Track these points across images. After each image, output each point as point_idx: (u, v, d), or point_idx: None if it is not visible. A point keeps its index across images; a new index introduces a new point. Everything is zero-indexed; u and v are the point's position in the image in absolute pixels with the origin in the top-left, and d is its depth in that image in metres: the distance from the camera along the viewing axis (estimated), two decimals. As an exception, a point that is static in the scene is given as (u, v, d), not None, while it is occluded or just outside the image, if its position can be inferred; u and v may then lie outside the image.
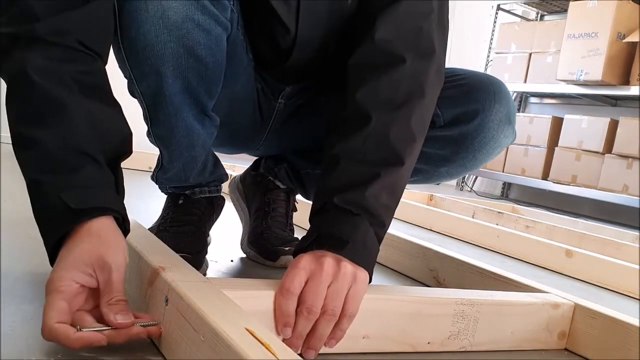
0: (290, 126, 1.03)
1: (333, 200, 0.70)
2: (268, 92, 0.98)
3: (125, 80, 0.81)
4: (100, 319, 0.57)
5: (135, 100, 0.83)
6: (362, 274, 0.67)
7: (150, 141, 0.90)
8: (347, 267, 0.65)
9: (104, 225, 0.61)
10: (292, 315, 0.63)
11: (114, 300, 0.58)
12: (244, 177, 1.20)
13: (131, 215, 0.89)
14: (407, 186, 0.81)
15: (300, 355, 0.63)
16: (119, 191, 0.66)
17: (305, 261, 0.66)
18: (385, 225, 0.73)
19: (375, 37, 0.78)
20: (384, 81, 0.76)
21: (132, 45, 0.74)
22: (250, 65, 0.92)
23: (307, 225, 0.74)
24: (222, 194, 1.06)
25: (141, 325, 0.59)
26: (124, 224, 0.65)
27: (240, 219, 1.20)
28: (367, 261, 0.68)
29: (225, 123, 0.93)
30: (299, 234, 1.16)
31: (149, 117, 0.84)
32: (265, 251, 1.08)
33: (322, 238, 0.68)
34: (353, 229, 0.69)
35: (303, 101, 1.01)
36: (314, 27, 0.87)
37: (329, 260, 0.65)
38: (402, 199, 0.79)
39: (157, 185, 1.02)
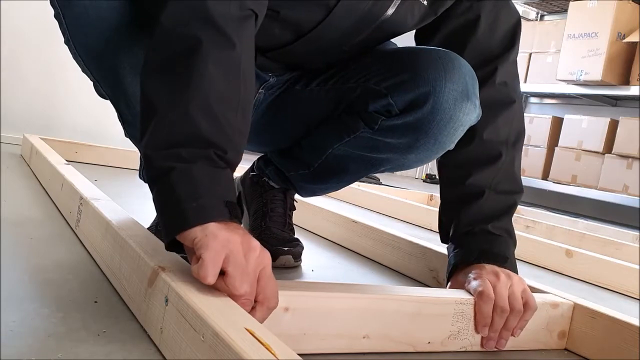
0: (268, 119, 1.03)
1: (488, 227, 0.89)
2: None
3: None
4: None
5: None
6: (521, 280, 0.84)
7: (131, 140, 0.90)
8: (515, 276, 0.84)
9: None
10: (490, 316, 0.77)
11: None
12: (243, 179, 1.20)
13: (131, 215, 0.90)
14: (381, 177, 0.83)
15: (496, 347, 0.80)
16: None
17: (486, 274, 0.82)
18: (516, 242, 0.93)
19: (496, 82, 0.94)
20: (500, 121, 0.93)
21: (86, 51, 0.74)
22: None
23: (306, 225, 0.74)
24: None
25: None
26: None
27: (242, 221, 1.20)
28: (517, 271, 0.88)
29: None
30: (298, 234, 1.17)
31: (121, 117, 0.84)
32: None
33: (486, 254, 0.87)
34: (507, 249, 0.89)
35: (280, 92, 1.01)
36: (345, 16, 0.86)
37: (501, 273, 0.82)
38: (402, 199, 0.81)
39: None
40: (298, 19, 0.86)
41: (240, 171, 1.21)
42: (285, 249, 1.07)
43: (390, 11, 0.87)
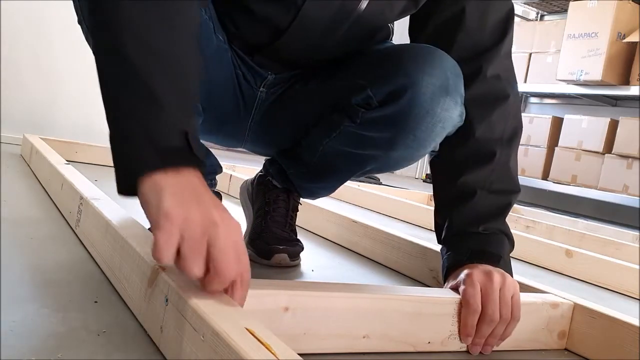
0: (271, 118, 1.03)
1: (479, 229, 0.86)
2: (250, 79, 0.98)
3: None
4: None
5: None
6: (514, 282, 0.81)
7: None
8: (508, 277, 0.80)
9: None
10: (474, 328, 0.76)
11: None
12: (253, 179, 1.21)
13: (131, 215, 0.90)
14: (381, 177, 0.83)
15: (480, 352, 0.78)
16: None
17: (477, 277, 0.78)
18: (514, 242, 0.90)
19: (487, 76, 0.90)
20: (495, 117, 0.89)
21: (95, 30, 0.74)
22: (223, 48, 0.93)
23: (308, 225, 0.74)
24: (218, 191, 1.06)
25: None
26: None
27: (246, 219, 1.21)
28: (511, 272, 0.84)
29: (206, 108, 0.93)
30: (300, 235, 1.17)
31: None
32: (261, 250, 1.08)
33: (478, 254, 0.84)
34: (501, 247, 0.86)
35: (282, 91, 1.01)
36: (318, 12, 0.87)
37: (495, 274, 0.79)
38: (402, 199, 0.81)
39: None
40: (272, 16, 0.87)
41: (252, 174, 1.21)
42: (281, 247, 1.07)
43: (363, 4, 0.87)
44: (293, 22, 0.87)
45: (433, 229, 0.98)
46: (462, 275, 0.80)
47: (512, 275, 0.84)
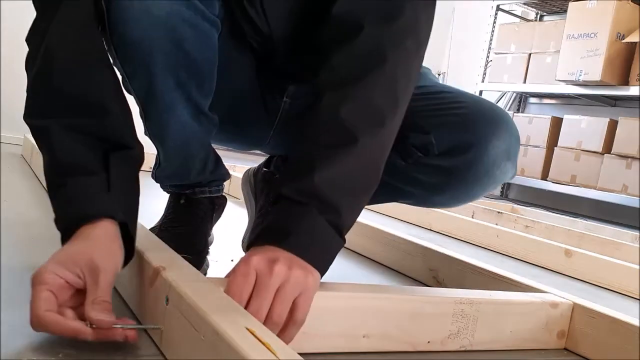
0: (295, 126, 1.02)
1: (282, 192, 0.66)
2: (273, 90, 0.98)
3: None
4: (83, 318, 0.57)
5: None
6: (312, 276, 0.62)
7: (149, 138, 0.90)
8: (297, 270, 0.60)
9: (101, 229, 0.63)
10: None
11: (98, 299, 0.58)
12: (256, 172, 1.19)
13: (131, 215, 0.90)
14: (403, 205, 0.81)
15: None
16: (112, 189, 0.66)
17: (255, 263, 0.60)
18: (341, 212, 0.65)
19: (333, 12, 0.74)
20: (337, 57, 0.72)
21: (120, 42, 0.74)
22: (249, 62, 0.93)
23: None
24: (224, 194, 1.06)
25: (120, 328, 0.58)
26: (126, 225, 0.65)
27: (248, 214, 1.20)
28: (316, 254, 0.64)
29: (230, 119, 0.93)
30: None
31: (143, 114, 0.84)
32: None
33: (266, 230, 0.66)
34: (298, 219, 0.64)
35: (309, 103, 1.00)
36: (283, 21, 0.86)
37: (282, 260, 0.60)
38: None
39: (158, 185, 1.01)
40: (257, 44, 0.89)
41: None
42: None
43: None
44: (275, 46, 0.87)
45: (433, 229, 0.98)
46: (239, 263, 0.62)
47: (320, 256, 0.65)
